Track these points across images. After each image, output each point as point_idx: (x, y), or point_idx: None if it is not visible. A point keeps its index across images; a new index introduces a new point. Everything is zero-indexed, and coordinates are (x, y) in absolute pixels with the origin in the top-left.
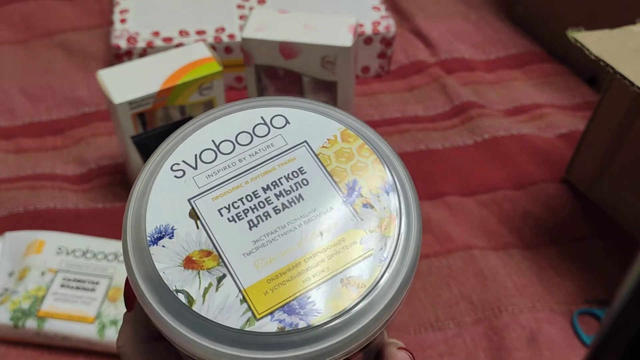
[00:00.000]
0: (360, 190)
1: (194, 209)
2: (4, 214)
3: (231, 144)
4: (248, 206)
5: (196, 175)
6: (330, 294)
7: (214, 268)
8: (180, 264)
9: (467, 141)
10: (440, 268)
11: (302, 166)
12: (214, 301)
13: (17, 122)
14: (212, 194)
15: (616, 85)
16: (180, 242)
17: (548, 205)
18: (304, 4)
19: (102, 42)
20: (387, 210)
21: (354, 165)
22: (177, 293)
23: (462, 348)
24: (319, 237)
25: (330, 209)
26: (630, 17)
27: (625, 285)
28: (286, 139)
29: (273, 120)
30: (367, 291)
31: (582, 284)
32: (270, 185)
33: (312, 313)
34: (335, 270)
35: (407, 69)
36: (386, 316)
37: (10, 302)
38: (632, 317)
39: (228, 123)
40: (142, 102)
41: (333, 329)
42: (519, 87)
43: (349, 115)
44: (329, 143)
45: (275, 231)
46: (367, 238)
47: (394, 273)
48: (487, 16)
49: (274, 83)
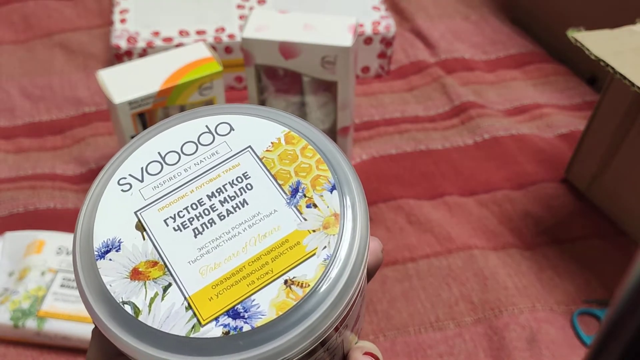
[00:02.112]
0: (304, 190)
1: (140, 221)
2: (4, 214)
3: (177, 155)
4: (193, 214)
5: (142, 187)
6: (274, 296)
7: (159, 278)
8: (126, 275)
9: (467, 141)
10: (440, 268)
11: (247, 171)
12: (160, 310)
13: (17, 122)
14: (158, 205)
15: (616, 85)
16: (126, 254)
17: (548, 205)
18: (304, 4)
19: (102, 42)
20: (331, 208)
21: (297, 166)
22: (124, 305)
23: (462, 348)
24: (263, 240)
25: (274, 211)
26: (630, 17)
27: (625, 285)
28: (230, 145)
29: (218, 128)
30: (311, 290)
31: (582, 284)
32: (215, 192)
33: (257, 316)
34: (279, 272)
35: (407, 69)
36: (334, 315)
37: (10, 302)
38: (632, 317)
39: (174, 134)
40: (142, 102)
41: (277, 330)
42: (519, 87)
43: (294, 118)
44: (272, 146)
45: (219, 237)
46: (311, 238)
47: (339, 271)
48: (487, 16)
49: (274, 83)
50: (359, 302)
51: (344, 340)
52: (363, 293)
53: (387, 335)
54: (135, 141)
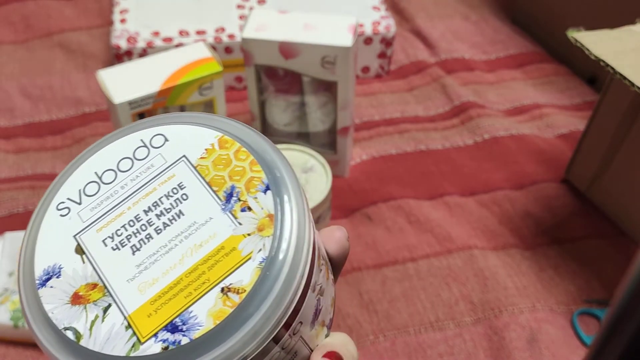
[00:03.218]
0: (238, 194)
1: (80, 244)
2: (4, 214)
3: (113, 173)
4: (131, 231)
5: (81, 210)
6: (212, 305)
7: (99, 299)
8: (67, 301)
9: (467, 141)
10: (440, 268)
11: (182, 181)
12: (101, 332)
13: (17, 122)
14: (96, 226)
15: (616, 85)
16: (67, 279)
17: (548, 205)
18: (304, 4)
19: (102, 42)
20: (265, 210)
21: (231, 170)
22: (66, 330)
23: (462, 348)
24: (199, 249)
25: (209, 219)
26: (630, 17)
27: (625, 285)
28: (165, 157)
29: (152, 141)
30: (248, 295)
31: (582, 284)
32: (152, 207)
33: (194, 327)
34: (215, 281)
35: (407, 69)
36: (276, 316)
37: (10, 302)
38: (632, 317)
39: (110, 152)
40: (142, 102)
41: (216, 339)
42: (519, 87)
43: (228, 121)
44: (207, 153)
45: (157, 252)
46: (246, 242)
47: (276, 272)
48: (487, 16)
49: (274, 83)
50: (314, 297)
51: (303, 336)
52: (321, 287)
53: (387, 335)
54: (73, 163)
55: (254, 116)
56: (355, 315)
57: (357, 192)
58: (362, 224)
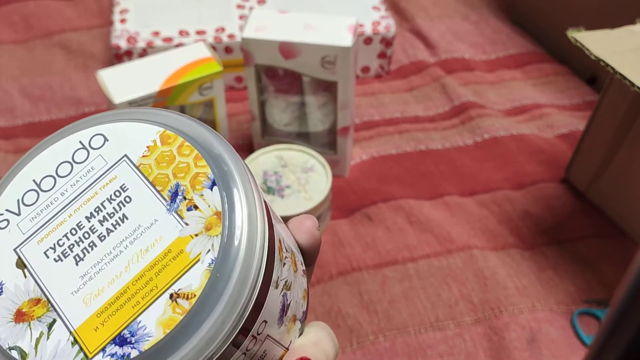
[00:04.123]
0: (184, 192)
1: (20, 257)
2: None
3: (52, 179)
4: (73, 240)
5: (20, 221)
6: (161, 313)
7: (44, 315)
8: (11, 319)
9: (467, 141)
10: (440, 268)
11: (124, 183)
12: (47, 350)
13: (17, 122)
14: (37, 237)
15: (616, 85)
16: (9, 296)
17: (548, 205)
18: (304, 4)
19: (102, 42)
20: (212, 207)
21: (175, 167)
22: (10, 350)
23: (462, 348)
24: (146, 255)
25: (154, 221)
26: (630, 17)
27: (625, 285)
28: (106, 158)
29: (92, 142)
30: (198, 300)
31: (582, 284)
32: (94, 212)
33: (144, 338)
34: (164, 287)
35: (407, 69)
36: (231, 318)
37: None
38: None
39: (47, 157)
40: (142, 102)
41: (167, 349)
42: (519, 87)
43: (170, 114)
44: (148, 151)
45: (101, 260)
46: (194, 243)
47: (227, 273)
48: (487, 16)
49: (274, 83)
50: (278, 294)
51: (271, 335)
52: (286, 281)
53: (387, 335)
54: (11, 172)
55: (254, 116)
56: (355, 315)
57: (357, 192)
58: (362, 224)
